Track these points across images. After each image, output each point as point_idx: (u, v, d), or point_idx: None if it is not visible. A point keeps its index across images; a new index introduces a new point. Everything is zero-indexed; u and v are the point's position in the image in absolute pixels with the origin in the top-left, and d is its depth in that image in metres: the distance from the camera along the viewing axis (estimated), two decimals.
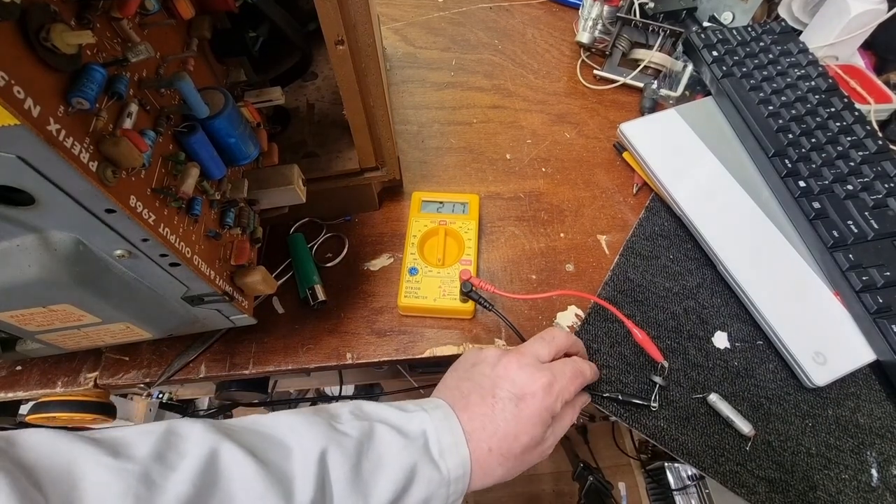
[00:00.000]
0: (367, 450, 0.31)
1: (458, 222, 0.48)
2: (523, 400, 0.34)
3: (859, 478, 0.40)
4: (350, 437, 0.31)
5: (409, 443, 0.32)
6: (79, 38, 0.20)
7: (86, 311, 0.29)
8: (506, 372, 0.35)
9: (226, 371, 0.42)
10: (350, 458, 0.29)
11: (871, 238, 0.45)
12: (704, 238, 0.47)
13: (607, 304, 0.41)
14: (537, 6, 0.73)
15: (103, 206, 0.23)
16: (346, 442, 0.30)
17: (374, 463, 0.30)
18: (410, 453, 0.31)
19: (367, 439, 0.31)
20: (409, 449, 0.31)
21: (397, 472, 0.30)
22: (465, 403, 0.34)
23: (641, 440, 1.21)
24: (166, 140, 0.29)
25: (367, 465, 0.30)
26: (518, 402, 0.34)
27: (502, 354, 0.36)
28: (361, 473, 0.30)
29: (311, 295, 0.44)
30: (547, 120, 0.60)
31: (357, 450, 0.30)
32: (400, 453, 0.31)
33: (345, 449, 0.30)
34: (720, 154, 0.52)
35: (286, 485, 0.27)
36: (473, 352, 0.39)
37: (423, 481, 0.31)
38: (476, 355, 0.38)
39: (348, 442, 0.30)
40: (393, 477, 0.30)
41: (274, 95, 0.39)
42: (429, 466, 0.31)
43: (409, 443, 0.32)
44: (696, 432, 0.40)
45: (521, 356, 0.36)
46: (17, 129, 0.18)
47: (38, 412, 0.43)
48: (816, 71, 0.56)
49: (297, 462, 0.28)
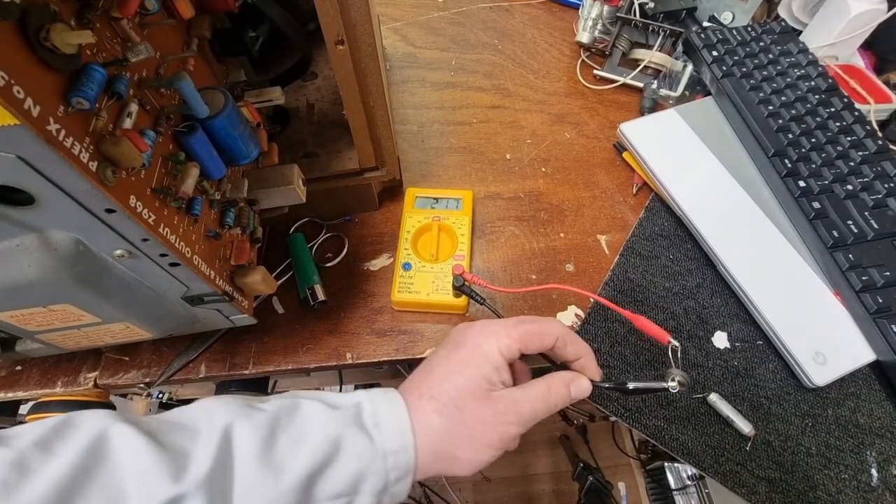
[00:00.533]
0: (288, 424, 0.29)
1: (451, 218, 0.48)
2: (461, 345, 0.32)
3: (859, 477, 0.40)
4: (265, 412, 0.29)
5: (338, 413, 0.29)
6: (78, 37, 0.20)
7: (86, 311, 0.29)
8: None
9: (226, 371, 0.42)
10: (260, 431, 0.27)
11: (870, 238, 0.45)
12: (704, 238, 0.47)
13: (600, 298, 0.38)
14: (537, 6, 0.73)
15: (103, 205, 0.23)
16: (258, 416, 0.28)
17: (294, 436, 0.28)
18: (336, 423, 0.29)
19: (289, 413, 0.29)
20: (335, 419, 0.29)
21: (319, 443, 0.28)
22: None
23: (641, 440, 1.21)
24: (166, 140, 0.29)
25: (284, 438, 0.28)
26: (455, 347, 0.32)
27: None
28: (276, 447, 0.27)
29: (311, 295, 0.44)
30: (547, 120, 0.60)
31: (271, 423, 0.28)
32: (324, 424, 0.29)
33: (255, 422, 0.28)
34: (720, 154, 0.52)
35: (180, 461, 0.25)
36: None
37: (351, 453, 0.28)
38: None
39: (261, 416, 0.28)
40: (312, 448, 0.28)
41: (274, 95, 0.39)
42: (359, 437, 0.29)
43: (338, 413, 0.29)
44: (696, 432, 0.40)
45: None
46: (16, 129, 0.18)
47: (38, 412, 0.43)
48: (816, 71, 0.56)
49: (200, 441, 0.27)
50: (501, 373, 0.31)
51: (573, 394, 0.33)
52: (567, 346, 0.33)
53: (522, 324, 0.32)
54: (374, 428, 0.29)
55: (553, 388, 0.32)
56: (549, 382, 0.32)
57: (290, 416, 0.29)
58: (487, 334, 0.32)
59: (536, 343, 0.32)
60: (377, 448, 0.29)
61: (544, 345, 0.32)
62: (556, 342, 0.32)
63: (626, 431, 1.26)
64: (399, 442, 0.29)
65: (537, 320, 0.33)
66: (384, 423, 0.29)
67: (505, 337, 0.31)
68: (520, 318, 0.33)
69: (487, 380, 0.31)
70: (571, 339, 0.33)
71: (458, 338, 0.33)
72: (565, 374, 0.33)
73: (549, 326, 0.32)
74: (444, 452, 0.30)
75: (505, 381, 0.31)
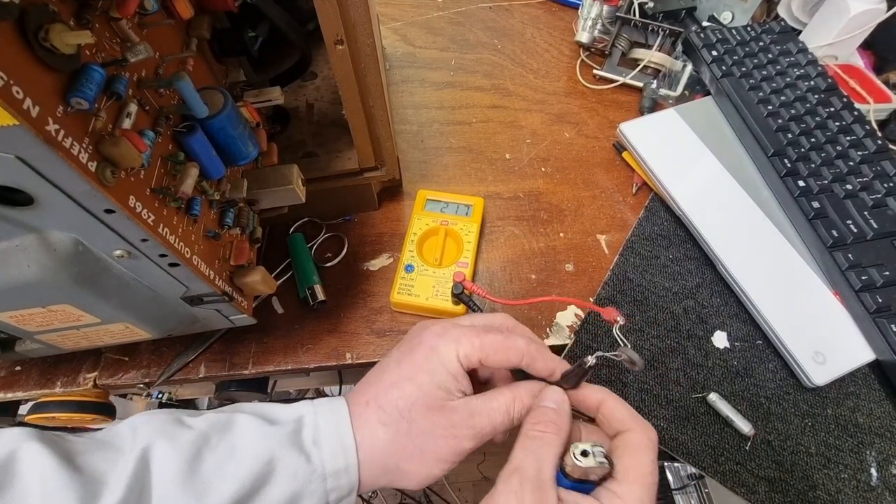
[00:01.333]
0: (218, 442, 0.27)
1: (459, 224, 0.48)
2: (415, 348, 0.29)
3: (858, 477, 0.40)
4: (192, 431, 0.27)
5: (274, 430, 0.27)
6: (78, 38, 0.20)
7: (85, 312, 0.29)
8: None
9: (225, 371, 0.42)
10: (183, 454, 0.26)
11: (870, 237, 0.45)
12: (704, 238, 0.47)
13: (590, 304, 0.36)
14: (537, 6, 0.73)
15: (102, 206, 0.23)
16: (183, 436, 0.26)
17: (223, 457, 0.26)
18: (269, 442, 0.27)
19: (219, 431, 0.27)
20: (269, 437, 0.27)
21: (248, 465, 0.26)
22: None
23: None
24: (165, 140, 0.29)
25: (211, 459, 0.26)
26: (409, 350, 0.29)
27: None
28: (200, 470, 0.26)
29: (311, 295, 0.44)
30: (546, 119, 0.60)
31: (197, 443, 0.26)
32: (257, 443, 0.27)
33: (177, 444, 0.26)
34: (719, 154, 0.52)
35: (92, 487, 0.24)
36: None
37: (285, 475, 0.26)
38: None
39: (186, 436, 0.26)
40: (241, 472, 0.26)
41: (273, 95, 0.39)
42: (294, 457, 0.27)
43: (274, 430, 0.27)
44: (695, 432, 0.40)
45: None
46: (15, 130, 0.18)
47: (38, 412, 0.43)
48: (816, 70, 0.56)
49: (119, 464, 0.25)
50: (459, 380, 0.28)
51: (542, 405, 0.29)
52: (536, 363, 0.29)
53: (487, 333, 0.29)
54: (312, 446, 0.27)
55: (519, 399, 0.29)
56: (514, 393, 0.29)
57: (221, 434, 0.27)
58: (447, 338, 0.29)
59: (500, 356, 0.29)
60: (315, 469, 0.27)
61: (509, 360, 0.29)
62: (523, 359, 0.29)
63: None
64: (341, 462, 0.27)
65: (505, 331, 0.30)
66: (325, 441, 0.27)
67: (466, 343, 0.28)
68: (486, 325, 0.30)
69: (442, 388, 0.28)
70: (541, 354, 0.29)
71: (414, 339, 0.30)
72: (533, 385, 0.30)
73: (514, 341, 0.29)
74: (391, 466, 0.28)
75: (464, 390, 0.29)
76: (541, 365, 0.29)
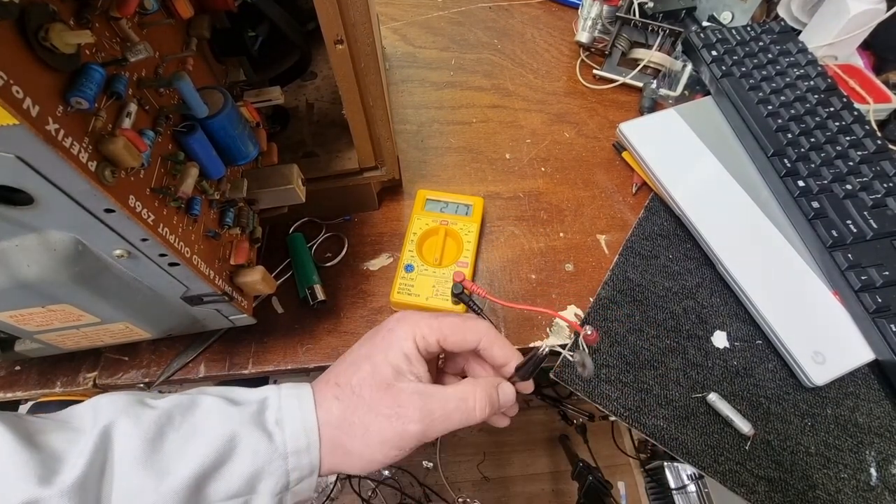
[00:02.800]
0: (181, 422, 0.27)
1: (459, 223, 0.48)
2: (377, 331, 0.31)
3: (858, 477, 0.40)
4: (155, 410, 0.27)
5: (237, 410, 0.28)
6: (78, 37, 0.20)
7: (85, 311, 0.29)
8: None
9: (225, 371, 0.42)
10: (145, 431, 0.26)
11: (869, 238, 0.45)
12: (704, 237, 0.47)
13: (576, 323, 0.33)
14: (537, 6, 0.73)
15: (102, 205, 0.23)
16: (146, 414, 0.26)
17: (185, 435, 0.26)
18: (232, 422, 0.27)
19: (183, 411, 0.27)
20: (232, 417, 0.27)
21: (210, 442, 0.26)
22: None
23: (641, 439, 1.21)
24: (165, 140, 0.29)
25: (173, 437, 0.26)
26: (372, 333, 0.31)
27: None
28: (162, 448, 0.26)
29: (311, 294, 0.44)
30: (546, 119, 0.60)
31: (159, 422, 0.26)
32: (220, 422, 0.27)
33: (140, 421, 0.26)
34: (719, 154, 0.52)
35: (51, 464, 0.24)
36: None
37: (246, 453, 0.27)
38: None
39: (150, 414, 0.26)
40: (202, 449, 0.26)
41: (273, 95, 0.39)
42: (256, 435, 0.27)
43: (237, 410, 0.28)
44: (695, 431, 0.40)
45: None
46: (15, 129, 0.18)
47: (38, 412, 0.43)
48: (815, 70, 0.56)
49: (79, 442, 0.25)
50: (413, 363, 0.29)
51: (502, 400, 0.30)
52: (493, 348, 0.30)
53: (446, 316, 0.30)
54: (275, 426, 0.28)
55: (479, 391, 0.29)
56: (473, 385, 0.29)
57: (184, 413, 0.27)
58: (406, 321, 0.30)
59: (458, 337, 0.29)
60: (276, 447, 0.27)
61: (467, 340, 0.30)
62: (481, 342, 0.30)
63: (625, 431, 1.26)
64: (302, 441, 0.27)
65: (463, 316, 0.31)
66: (287, 421, 0.28)
67: (424, 326, 0.29)
68: (446, 313, 0.32)
69: (394, 368, 0.28)
70: (499, 341, 0.30)
71: (380, 325, 0.31)
72: (493, 379, 0.30)
73: (473, 323, 0.30)
74: (338, 443, 0.28)
75: (418, 374, 0.29)
76: (498, 350, 0.30)
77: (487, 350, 0.30)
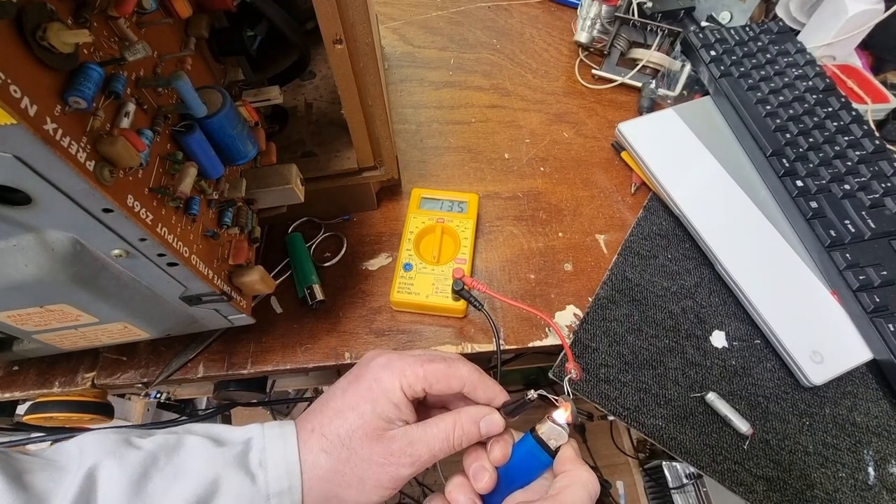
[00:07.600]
0: (166, 463, 0.27)
1: (455, 221, 0.48)
2: (361, 378, 0.31)
3: (856, 476, 0.40)
4: (140, 451, 0.27)
5: (221, 452, 0.28)
6: (76, 36, 0.20)
7: (83, 311, 0.29)
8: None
9: (224, 371, 0.42)
10: (130, 473, 0.26)
11: (868, 237, 0.45)
12: (702, 237, 0.47)
13: (567, 346, 0.36)
14: (536, 5, 0.73)
15: (100, 205, 0.23)
16: (131, 455, 0.27)
17: (169, 476, 0.27)
18: (216, 463, 0.28)
19: (168, 451, 0.28)
20: (216, 459, 0.28)
21: (194, 485, 0.26)
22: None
23: (640, 439, 1.21)
24: (164, 139, 0.29)
25: (157, 478, 0.27)
26: (355, 379, 0.31)
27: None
28: (146, 489, 0.26)
29: (310, 294, 0.44)
30: (545, 119, 0.60)
31: (144, 463, 0.27)
32: (204, 464, 0.27)
33: (125, 462, 0.26)
34: (718, 153, 0.52)
35: None
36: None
37: (229, 495, 0.27)
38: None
39: (135, 455, 0.27)
40: (186, 492, 0.26)
41: (272, 94, 0.39)
42: (239, 477, 0.27)
43: (221, 452, 0.28)
44: (694, 431, 0.40)
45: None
46: (13, 129, 0.18)
47: (36, 412, 0.43)
48: (814, 70, 0.56)
49: (65, 483, 0.25)
50: (402, 410, 0.30)
51: (483, 431, 0.31)
52: (477, 391, 0.31)
53: (431, 362, 0.30)
54: (258, 467, 0.28)
55: (459, 425, 0.30)
56: (455, 419, 0.30)
57: (169, 454, 0.28)
58: (391, 370, 0.30)
59: (443, 384, 0.30)
60: (259, 489, 0.27)
61: (451, 387, 0.30)
62: (465, 386, 0.31)
63: (624, 430, 1.27)
64: (285, 483, 0.28)
65: (447, 360, 0.31)
66: (271, 463, 0.28)
67: (410, 374, 0.30)
68: (430, 356, 0.31)
69: (383, 418, 0.29)
70: (482, 382, 0.31)
71: (362, 368, 0.31)
72: (475, 411, 0.31)
73: (457, 369, 0.31)
74: (331, 494, 0.29)
75: (405, 419, 0.30)
76: (481, 393, 0.31)
77: (471, 393, 0.31)
